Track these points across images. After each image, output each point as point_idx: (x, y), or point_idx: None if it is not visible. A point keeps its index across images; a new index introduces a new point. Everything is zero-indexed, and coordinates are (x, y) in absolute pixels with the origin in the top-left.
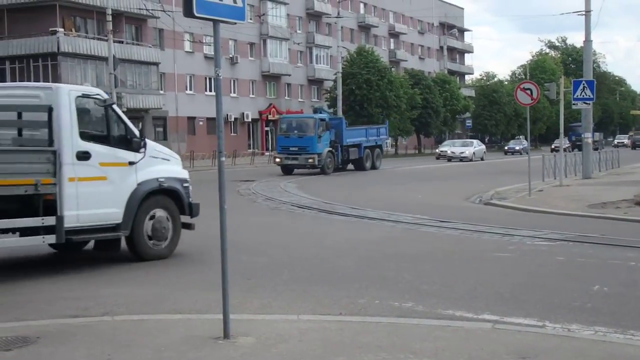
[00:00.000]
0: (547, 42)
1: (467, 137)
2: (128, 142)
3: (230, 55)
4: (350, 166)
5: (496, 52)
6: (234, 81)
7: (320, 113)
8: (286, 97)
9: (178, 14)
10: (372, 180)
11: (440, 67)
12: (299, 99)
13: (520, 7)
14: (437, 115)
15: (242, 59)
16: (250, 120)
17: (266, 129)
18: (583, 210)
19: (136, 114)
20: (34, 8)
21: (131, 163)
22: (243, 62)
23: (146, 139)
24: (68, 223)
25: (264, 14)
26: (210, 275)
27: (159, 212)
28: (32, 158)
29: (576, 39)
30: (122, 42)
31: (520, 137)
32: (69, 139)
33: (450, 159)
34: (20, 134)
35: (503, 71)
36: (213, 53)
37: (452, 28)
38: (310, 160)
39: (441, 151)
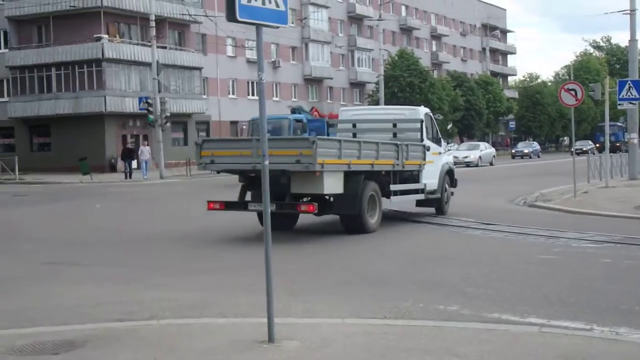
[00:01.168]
0: (591, 42)
1: (511, 140)
2: (438, 140)
3: (273, 59)
4: None
5: (539, 52)
6: (276, 85)
7: (299, 113)
8: (328, 101)
9: (220, 19)
10: None
11: (483, 68)
12: (341, 102)
13: (563, 7)
14: (480, 117)
15: (284, 63)
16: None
17: None
18: (630, 212)
19: (179, 119)
20: (78, 15)
21: (440, 153)
22: (285, 66)
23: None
24: (426, 187)
25: (305, 18)
26: (254, 279)
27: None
28: (418, 149)
29: (621, 39)
30: (165, 48)
31: (530, 139)
32: (424, 139)
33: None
34: (394, 135)
35: (546, 72)
36: (255, 57)
37: (494, 29)
38: None
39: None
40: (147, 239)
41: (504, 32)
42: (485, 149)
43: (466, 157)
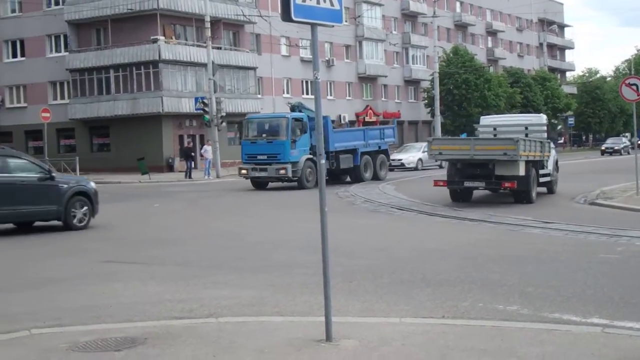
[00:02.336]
0: None
1: (570, 137)
2: (554, 140)
3: (327, 58)
4: (347, 178)
5: (598, 47)
6: (330, 83)
7: (300, 111)
8: (382, 99)
9: (274, 19)
10: None
11: (540, 64)
12: (396, 100)
13: (621, 0)
14: (538, 113)
15: (338, 62)
16: (347, 122)
17: None
18: None
19: (235, 118)
20: (135, 17)
21: (552, 148)
22: (339, 65)
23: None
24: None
25: (359, 16)
26: (312, 278)
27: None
28: (547, 145)
29: None
30: (220, 48)
31: (626, 134)
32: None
33: None
34: (526, 135)
35: (606, 67)
36: (309, 56)
37: (551, 24)
38: (281, 172)
39: None
40: (205, 237)
41: (562, 26)
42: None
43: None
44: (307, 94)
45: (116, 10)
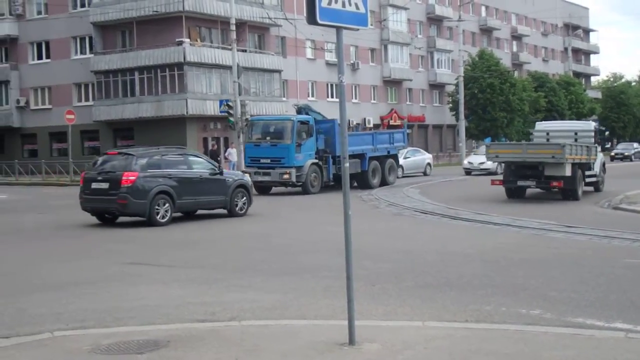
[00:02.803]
0: None
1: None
2: (597, 143)
3: (352, 61)
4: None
5: (623, 52)
6: (355, 87)
7: (306, 114)
8: (407, 102)
9: (300, 22)
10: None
11: (565, 68)
12: (421, 104)
13: None
14: (562, 118)
15: (363, 65)
16: (372, 125)
17: None
18: None
19: None
20: (160, 20)
21: (598, 152)
22: (364, 68)
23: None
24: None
25: (384, 20)
26: (335, 281)
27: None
28: (594, 149)
29: None
30: (245, 51)
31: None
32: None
33: (469, 171)
34: (575, 140)
35: (631, 71)
36: (335, 59)
37: (576, 28)
38: (285, 176)
39: (468, 162)
40: (227, 240)
41: (587, 31)
42: None
43: (483, 163)
44: (332, 97)
45: (141, 12)
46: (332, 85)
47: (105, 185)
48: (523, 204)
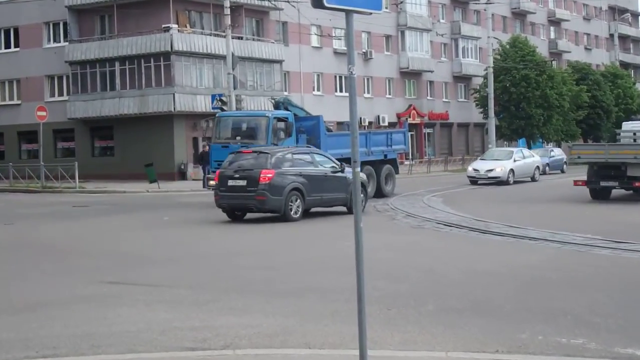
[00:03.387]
0: None
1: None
2: None
3: (363, 50)
4: None
5: None
6: (367, 79)
7: (285, 109)
8: (428, 97)
9: (304, 5)
10: (527, 195)
11: (611, 58)
12: (443, 99)
13: None
14: (608, 115)
15: (377, 54)
16: (386, 124)
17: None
18: None
19: None
20: (145, 3)
21: None
22: (378, 58)
23: None
24: None
25: (401, 2)
26: (345, 305)
27: None
28: None
29: None
30: (241, 38)
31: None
32: None
33: (474, 180)
34: None
35: None
36: (344, 48)
37: (624, 12)
38: None
39: (473, 170)
40: (223, 256)
41: (635, 15)
42: (525, 158)
43: (491, 170)
44: (341, 90)
45: None
46: (340, 77)
47: (242, 183)
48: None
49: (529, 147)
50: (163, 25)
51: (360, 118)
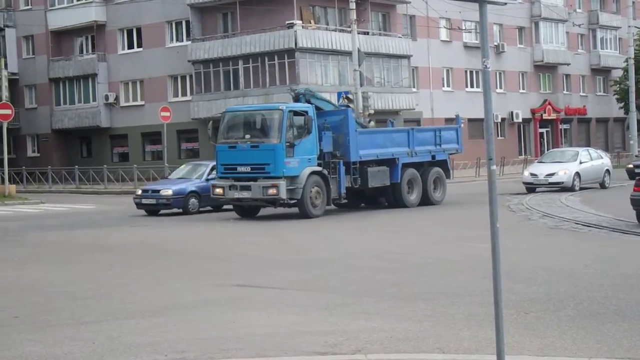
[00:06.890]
0: None
1: None
2: None
3: (495, 43)
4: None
5: None
6: (499, 74)
7: (307, 101)
8: (564, 91)
9: None
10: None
11: None
12: (581, 93)
13: None
14: None
15: (510, 47)
16: (520, 120)
17: (540, 130)
18: None
19: (385, 116)
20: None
21: None
22: (510, 51)
23: None
24: None
25: None
26: (480, 308)
27: None
28: None
29: None
30: (367, 33)
31: None
32: None
33: (531, 187)
34: None
35: None
36: (475, 41)
37: None
38: (271, 191)
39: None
40: (353, 257)
41: None
42: (592, 160)
43: (551, 174)
44: (472, 86)
45: None
46: (471, 72)
47: None
48: None
49: None
50: (287, 22)
51: (493, 114)
